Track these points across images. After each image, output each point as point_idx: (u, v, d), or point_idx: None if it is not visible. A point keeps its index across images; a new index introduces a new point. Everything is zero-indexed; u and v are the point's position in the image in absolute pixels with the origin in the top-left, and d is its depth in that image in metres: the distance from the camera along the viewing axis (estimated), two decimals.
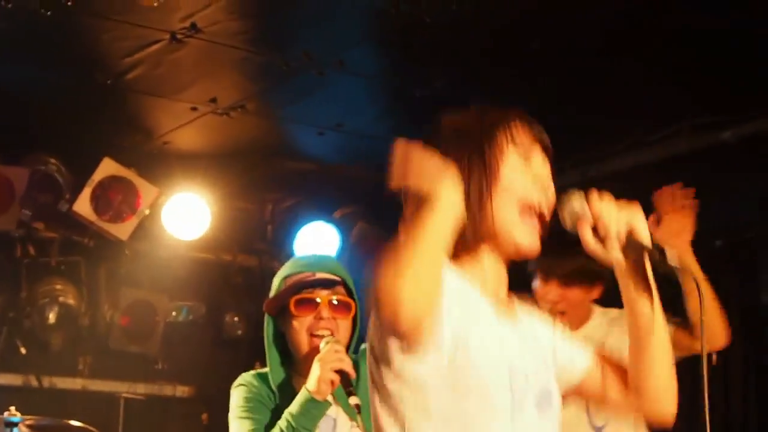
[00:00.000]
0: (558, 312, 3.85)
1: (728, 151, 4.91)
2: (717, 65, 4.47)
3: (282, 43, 4.55)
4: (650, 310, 2.04)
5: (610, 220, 1.97)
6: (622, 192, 2.02)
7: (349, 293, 3.12)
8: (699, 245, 3.62)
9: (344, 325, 3.08)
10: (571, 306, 3.90)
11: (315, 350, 2.98)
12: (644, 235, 1.98)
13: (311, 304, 3.05)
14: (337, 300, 3.06)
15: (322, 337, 3.01)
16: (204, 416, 6.65)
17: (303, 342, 3.04)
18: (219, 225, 6.49)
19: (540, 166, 2.06)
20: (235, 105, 5.23)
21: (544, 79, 4.72)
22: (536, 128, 2.10)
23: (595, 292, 3.93)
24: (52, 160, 6.11)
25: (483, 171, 2.00)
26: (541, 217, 2.03)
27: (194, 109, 5.31)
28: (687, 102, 4.86)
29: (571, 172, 5.41)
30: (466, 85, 4.85)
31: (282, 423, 2.88)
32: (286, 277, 3.14)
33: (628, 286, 2.04)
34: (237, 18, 4.29)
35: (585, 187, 2.02)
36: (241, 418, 3.01)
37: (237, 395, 3.08)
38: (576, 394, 2.19)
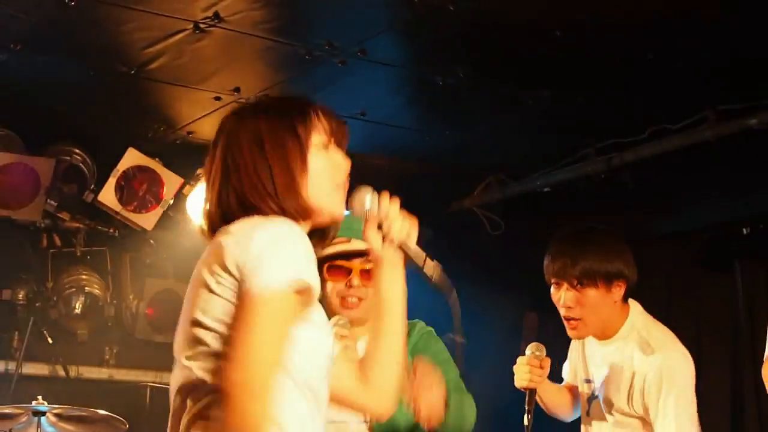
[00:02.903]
0: (574, 319, 3.47)
1: (754, 138, 4.87)
2: (742, 50, 4.44)
3: (304, 32, 4.54)
4: (396, 298, 2.36)
5: (394, 224, 2.33)
6: (647, 181, 2.02)
7: None
8: (726, 233, 3.57)
9: (374, 292, 3.18)
10: (588, 311, 3.45)
11: (343, 311, 3.17)
12: (415, 249, 2.35)
13: (344, 270, 3.21)
14: (369, 267, 3.12)
15: (352, 302, 3.19)
16: None
17: (334, 304, 3.21)
18: None
19: (337, 153, 2.39)
20: (258, 94, 5.23)
21: (567, 67, 4.70)
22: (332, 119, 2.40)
23: (616, 293, 3.45)
24: (77, 151, 6.15)
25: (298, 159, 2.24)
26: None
27: (217, 98, 5.32)
28: (712, 88, 4.82)
29: (595, 160, 5.38)
30: (489, 73, 4.83)
31: None
32: None
33: (382, 275, 2.36)
34: (259, 7, 4.28)
35: (610, 174, 2.00)
36: None
37: None
38: None
